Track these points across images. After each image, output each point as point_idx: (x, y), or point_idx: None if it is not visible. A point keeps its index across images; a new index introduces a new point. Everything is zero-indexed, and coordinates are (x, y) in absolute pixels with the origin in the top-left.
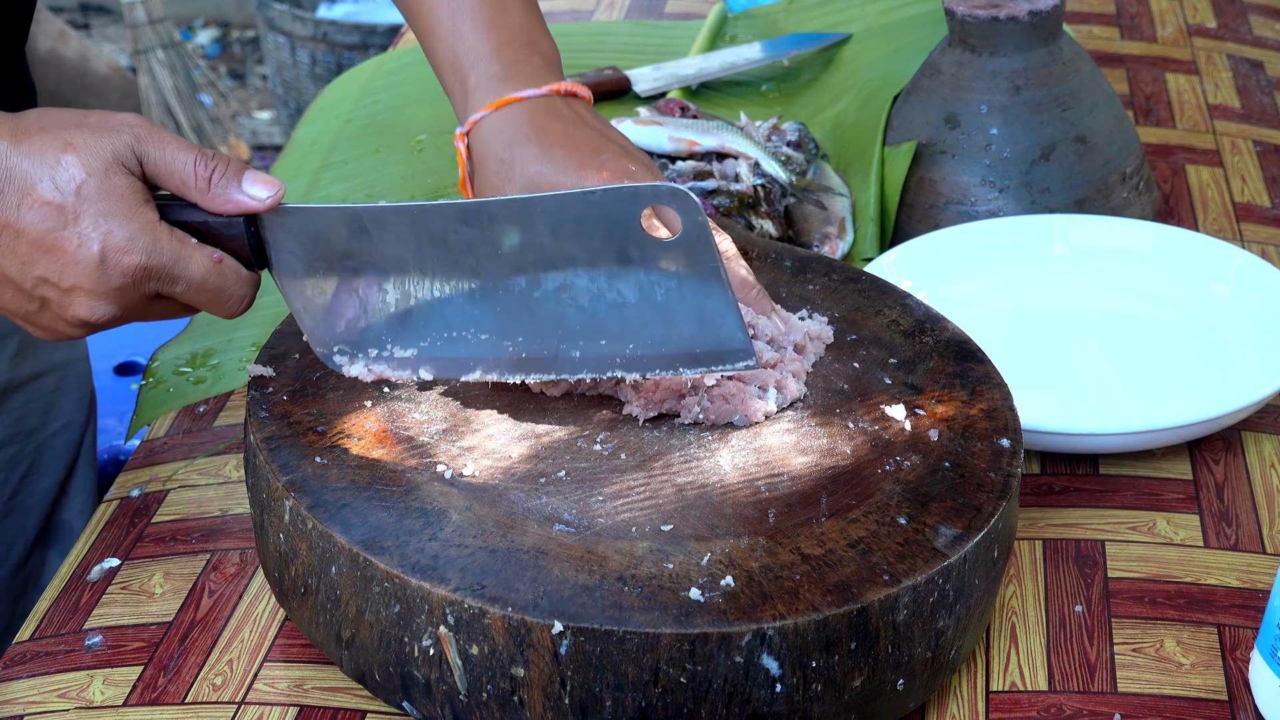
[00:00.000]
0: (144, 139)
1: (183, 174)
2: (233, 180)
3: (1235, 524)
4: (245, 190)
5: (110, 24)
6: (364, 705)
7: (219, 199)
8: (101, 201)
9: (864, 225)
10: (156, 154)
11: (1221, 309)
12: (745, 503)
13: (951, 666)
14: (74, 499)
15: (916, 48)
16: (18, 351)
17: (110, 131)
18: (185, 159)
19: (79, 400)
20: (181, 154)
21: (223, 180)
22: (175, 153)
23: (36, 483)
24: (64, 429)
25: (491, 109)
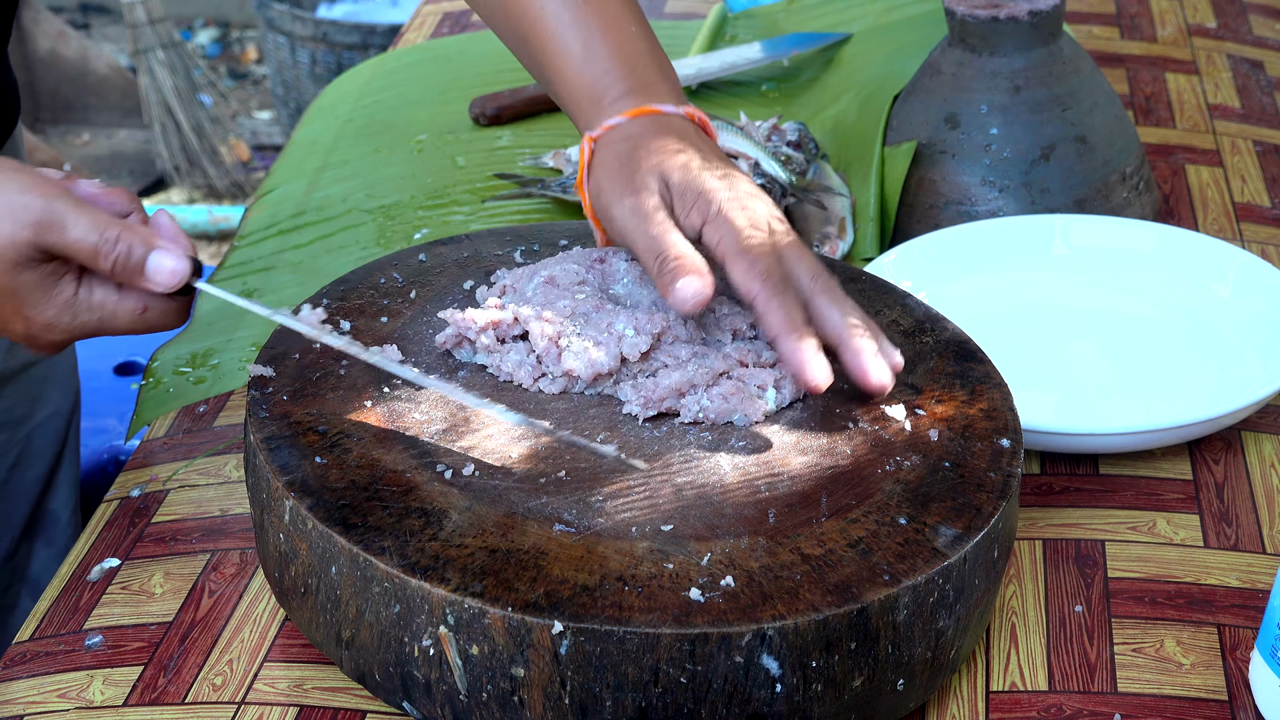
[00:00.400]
0: (43, 231)
1: (88, 259)
2: (136, 267)
3: (1235, 524)
4: (149, 276)
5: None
6: (364, 705)
7: (125, 281)
8: (13, 297)
9: (864, 225)
10: (59, 243)
11: (1221, 309)
12: (745, 503)
13: (951, 666)
14: (60, 489)
15: (916, 48)
16: (10, 344)
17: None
18: (88, 246)
19: (66, 390)
20: (84, 239)
21: (126, 267)
22: (78, 238)
23: (25, 472)
24: (51, 418)
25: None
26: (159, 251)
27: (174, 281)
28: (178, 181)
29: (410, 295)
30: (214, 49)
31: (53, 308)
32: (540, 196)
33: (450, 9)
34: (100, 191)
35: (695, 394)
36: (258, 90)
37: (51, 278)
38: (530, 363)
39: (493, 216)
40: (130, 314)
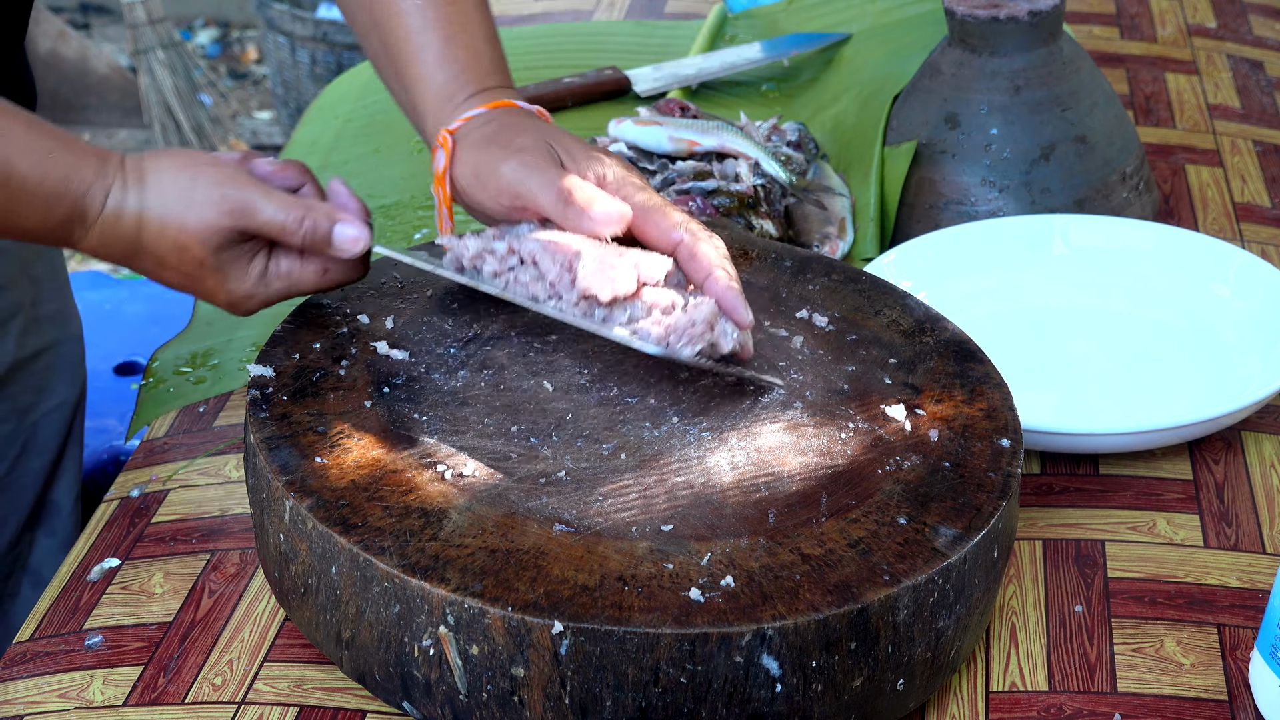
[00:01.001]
0: (240, 216)
1: (280, 236)
2: (323, 240)
3: (1235, 524)
4: (336, 248)
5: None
6: (364, 705)
7: (316, 251)
8: (217, 272)
9: (864, 225)
10: (253, 226)
11: (1221, 309)
12: (745, 503)
13: (951, 666)
14: (64, 480)
15: (916, 48)
16: (23, 331)
17: (214, 213)
18: (277, 223)
19: (72, 379)
20: (274, 219)
21: (314, 240)
22: (270, 219)
23: (30, 461)
24: (57, 408)
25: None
26: (342, 224)
27: (358, 249)
28: None
29: (410, 295)
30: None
31: (249, 280)
32: None
33: None
34: (275, 169)
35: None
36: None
37: (246, 255)
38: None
39: None
40: (314, 275)
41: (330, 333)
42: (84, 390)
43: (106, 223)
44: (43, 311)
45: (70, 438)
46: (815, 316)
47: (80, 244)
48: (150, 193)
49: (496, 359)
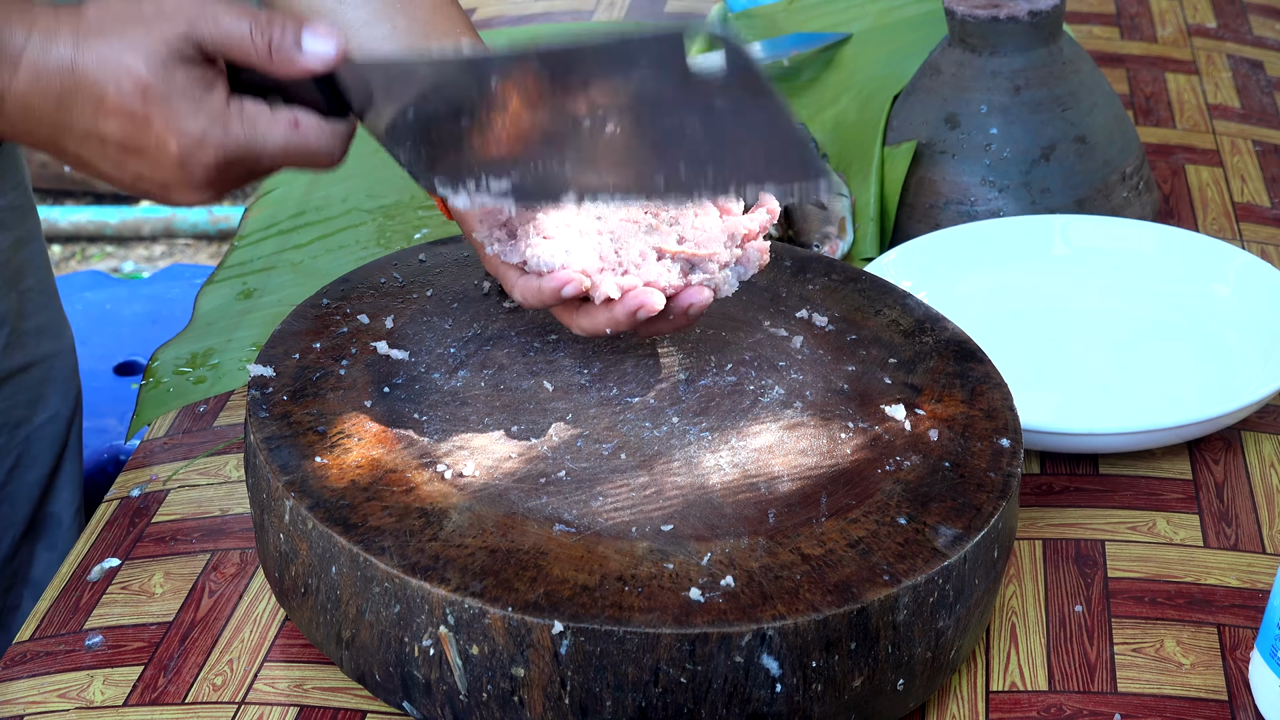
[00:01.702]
0: (196, 22)
1: (243, 47)
2: (292, 43)
3: (1235, 524)
4: (306, 50)
5: None
6: (364, 705)
7: (283, 66)
8: (166, 102)
9: (864, 225)
10: (211, 33)
11: (1221, 309)
12: (745, 503)
13: (951, 666)
14: (62, 492)
15: (916, 48)
16: (7, 344)
17: (164, 23)
18: (240, 30)
19: (66, 393)
20: (236, 26)
21: (282, 45)
22: (230, 27)
23: (24, 475)
24: (51, 421)
25: None
26: (311, 28)
27: (330, 52)
28: None
29: (410, 295)
30: None
31: (204, 115)
32: None
33: None
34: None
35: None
36: None
37: (201, 81)
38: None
39: None
40: (283, 128)
41: (330, 333)
42: (79, 402)
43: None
44: (30, 325)
45: (66, 450)
46: (815, 316)
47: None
48: (89, 16)
49: (496, 359)
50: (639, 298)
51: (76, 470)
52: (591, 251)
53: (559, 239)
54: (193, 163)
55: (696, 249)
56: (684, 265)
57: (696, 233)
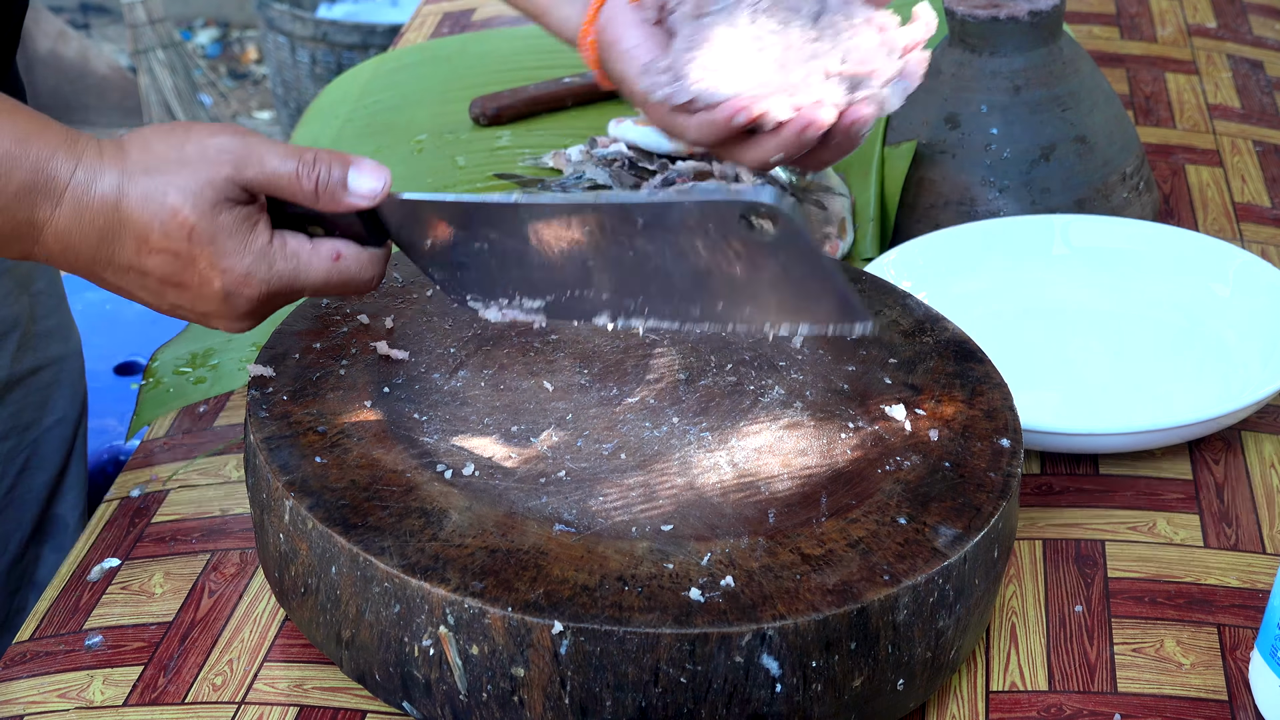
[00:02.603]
0: (242, 165)
1: (289, 187)
2: (338, 183)
3: (1235, 524)
4: (352, 190)
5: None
6: (364, 705)
7: (329, 205)
8: (213, 243)
9: (864, 225)
10: (258, 176)
11: (1221, 309)
12: (745, 503)
13: (951, 666)
14: (68, 494)
15: None
16: (18, 347)
17: (209, 166)
18: (287, 172)
19: (73, 395)
20: (283, 167)
21: (328, 186)
22: (276, 168)
23: (32, 477)
24: (59, 424)
25: None
26: (357, 167)
27: (376, 190)
28: None
29: (410, 295)
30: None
31: (250, 254)
32: None
33: (450, 9)
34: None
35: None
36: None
37: (248, 221)
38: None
39: None
40: (324, 261)
41: (330, 333)
42: (85, 405)
43: (78, 191)
44: (40, 328)
45: (73, 453)
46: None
47: (47, 226)
48: (133, 155)
49: (496, 359)
50: (808, 115)
51: (82, 473)
52: (758, 78)
53: (724, 71)
54: (237, 298)
55: (860, 66)
56: (849, 84)
57: (856, 51)
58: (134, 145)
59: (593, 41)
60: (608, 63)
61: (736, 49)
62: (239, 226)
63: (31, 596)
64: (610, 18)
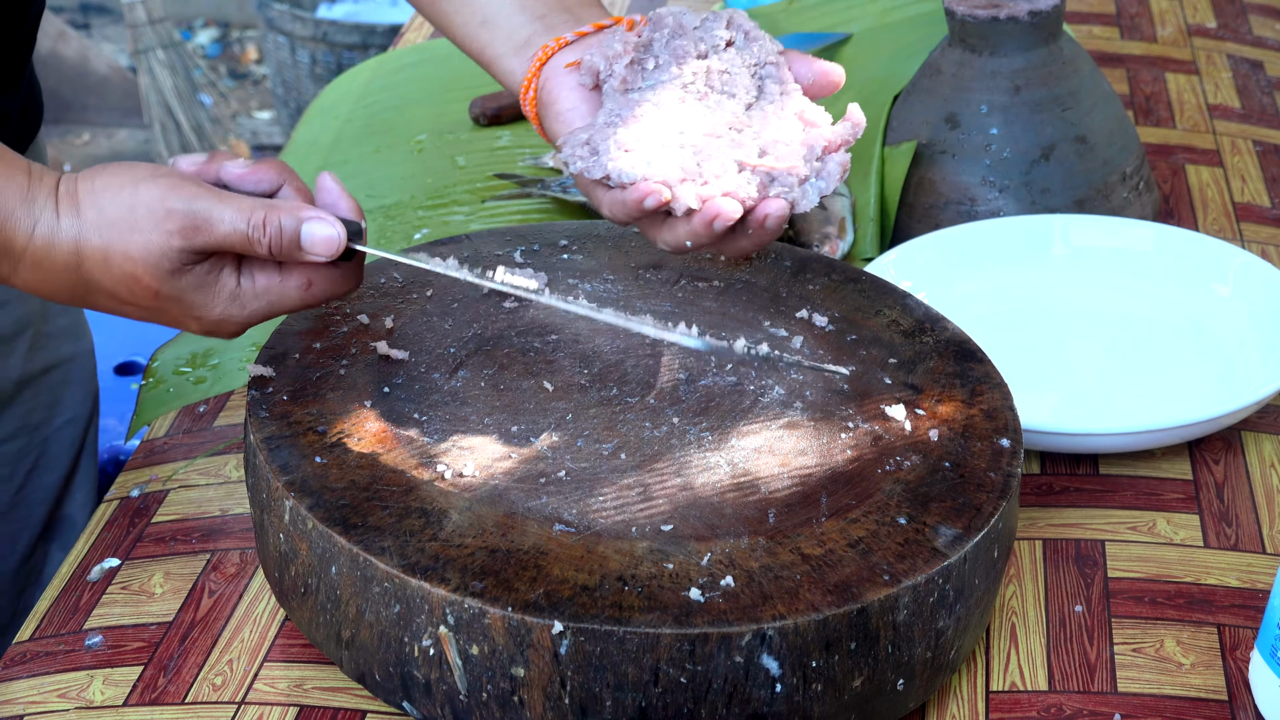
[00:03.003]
0: (191, 235)
1: (244, 248)
2: (292, 244)
3: (1235, 524)
4: (307, 251)
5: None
6: (364, 705)
7: (287, 260)
8: (180, 300)
9: (864, 225)
10: (209, 242)
11: (1221, 309)
12: (745, 503)
13: (951, 666)
14: (77, 494)
15: (916, 48)
16: (31, 346)
17: (160, 235)
18: (239, 237)
19: (84, 395)
20: (234, 233)
21: (282, 247)
22: (227, 234)
23: (42, 477)
24: (69, 423)
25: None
26: (310, 222)
27: (331, 249)
28: None
29: (410, 295)
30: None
31: (219, 303)
32: (540, 196)
33: None
34: (247, 171)
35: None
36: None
37: (211, 275)
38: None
39: (493, 216)
40: (296, 291)
41: (330, 333)
42: (96, 405)
43: (37, 253)
44: (52, 327)
45: (83, 452)
46: (815, 316)
47: (14, 278)
48: (86, 217)
49: (496, 359)
50: (715, 207)
51: (92, 472)
52: (673, 164)
53: (640, 152)
54: (220, 331)
55: (776, 162)
56: (763, 178)
57: (777, 145)
58: (87, 203)
59: (533, 98)
60: (544, 120)
61: (658, 129)
62: (202, 281)
63: (38, 596)
64: (549, 78)
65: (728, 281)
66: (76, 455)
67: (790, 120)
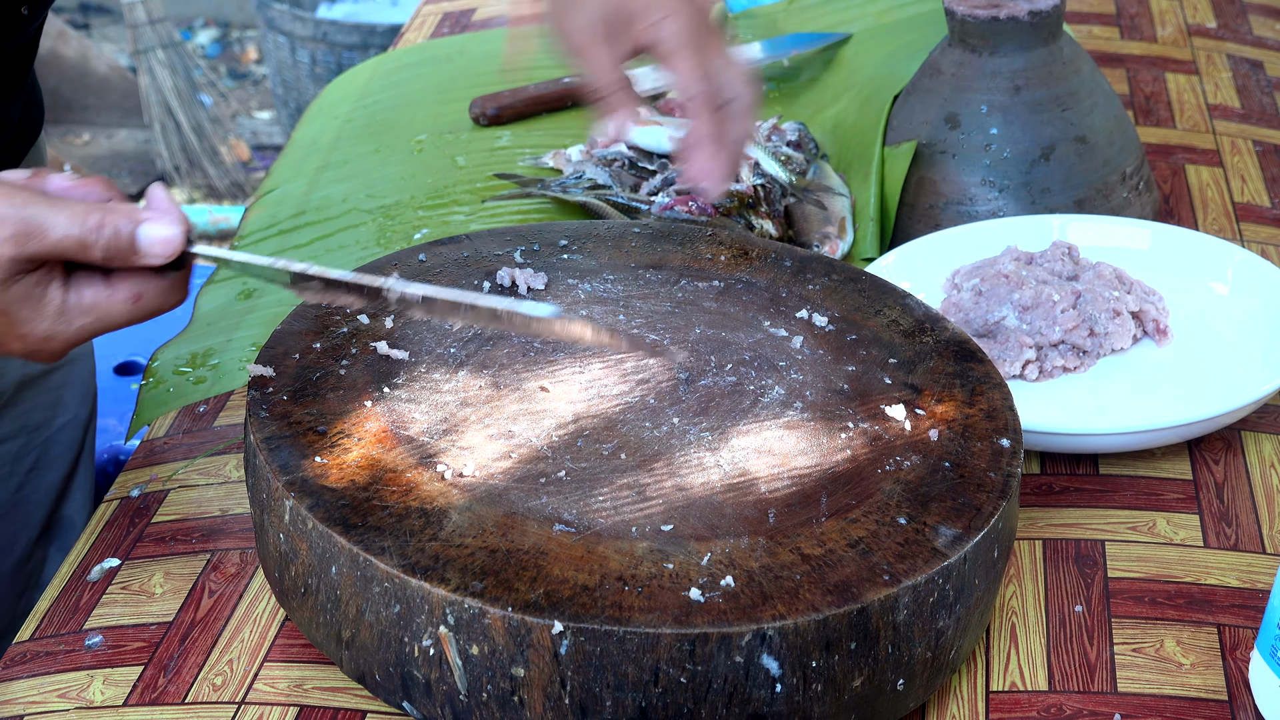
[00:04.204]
0: (23, 240)
1: (77, 254)
2: (127, 246)
3: (1235, 524)
4: (143, 251)
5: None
6: (364, 705)
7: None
8: (5, 314)
9: (864, 225)
10: (41, 248)
11: (1221, 308)
12: (745, 503)
13: (951, 666)
14: (76, 495)
15: (916, 48)
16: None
17: None
18: (72, 241)
19: (83, 396)
20: (67, 236)
21: (117, 250)
22: (60, 239)
23: (41, 478)
24: (69, 424)
25: None
26: (147, 223)
27: (170, 250)
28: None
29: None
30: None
31: (45, 319)
32: (540, 196)
33: (450, 9)
34: (74, 184)
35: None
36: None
37: (38, 288)
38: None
39: (493, 216)
40: (125, 305)
41: (330, 333)
42: (95, 407)
43: None
44: None
45: (82, 453)
46: (815, 316)
47: None
48: None
49: (496, 359)
50: None
51: (89, 473)
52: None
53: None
54: (44, 351)
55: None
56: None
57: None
58: None
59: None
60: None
61: None
62: (29, 294)
63: (38, 597)
64: None
65: (728, 281)
66: (76, 456)
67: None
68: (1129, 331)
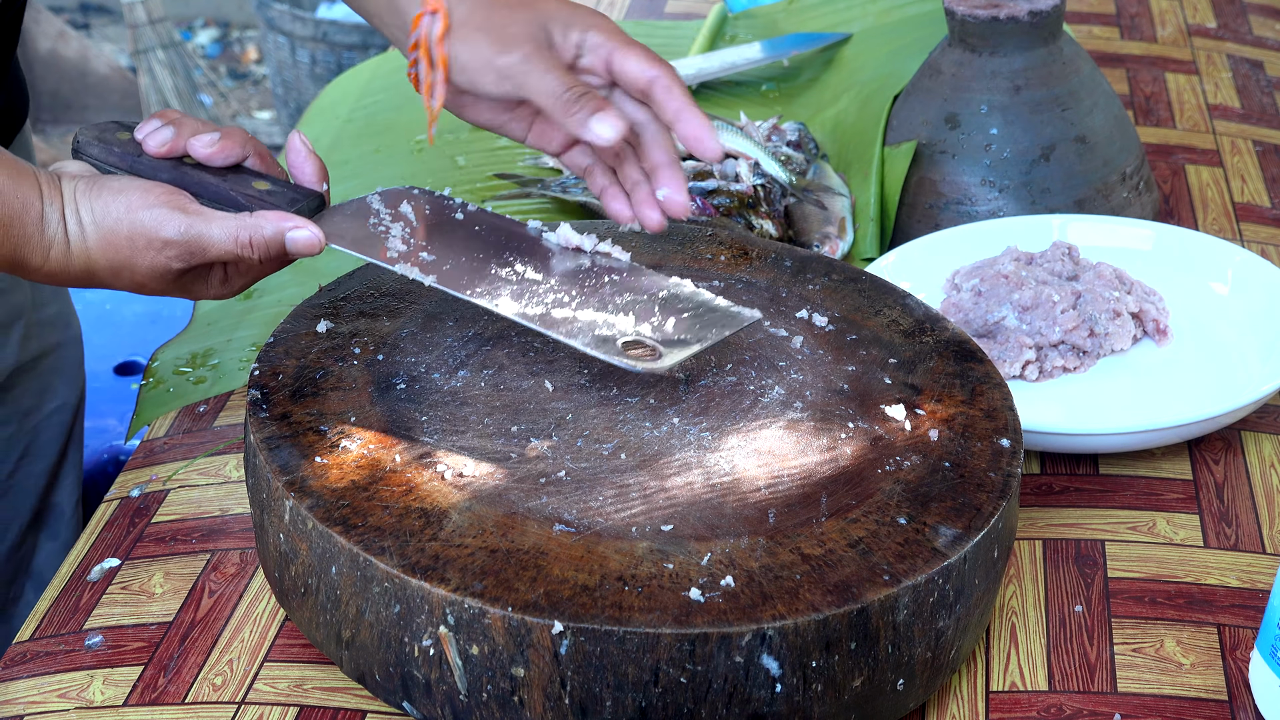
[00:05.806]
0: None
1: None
2: (278, 252)
3: (1235, 524)
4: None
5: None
6: (364, 705)
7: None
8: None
9: (864, 225)
10: (204, 260)
11: (1221, 308)
12: (745, 503)
13: (951, 666)
14: (65, 483)
15: (916, 48)
16: (24, 334)
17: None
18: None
19: (73, 383)
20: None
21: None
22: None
23: (32, 465)
24: (58, 411)
25: None
26: (292, 232)
27: (314, 250)
28: None
29: (411, 295)
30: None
31: (213, 288)
32: (540, 196)
33: None
34: (215, 150)
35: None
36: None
37: (204, 275)
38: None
39: None
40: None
41: (330, 333)
42: (84, 393)
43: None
44: (43, 315)
45: (71, 440)
46: (815, 316)
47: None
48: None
49: (496, 359)
50: None
51: (78, 460)
52: None
53: None
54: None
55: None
56: None
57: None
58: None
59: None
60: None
61: None
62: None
63: (28, 585)
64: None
65: (728, 281)
66: (65, 443)
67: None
68: (1129, 332)
